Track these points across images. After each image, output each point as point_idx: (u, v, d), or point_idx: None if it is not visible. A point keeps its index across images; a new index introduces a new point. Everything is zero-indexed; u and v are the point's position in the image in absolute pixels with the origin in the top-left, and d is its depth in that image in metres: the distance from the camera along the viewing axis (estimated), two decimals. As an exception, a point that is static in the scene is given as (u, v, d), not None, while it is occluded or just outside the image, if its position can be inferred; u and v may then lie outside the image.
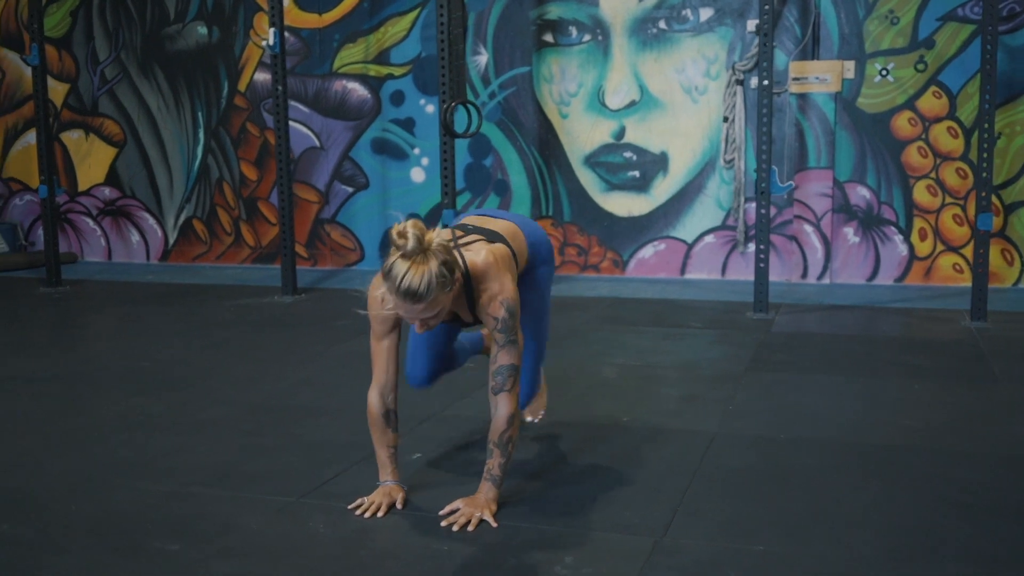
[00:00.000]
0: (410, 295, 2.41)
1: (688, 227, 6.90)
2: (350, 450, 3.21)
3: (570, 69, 6.98)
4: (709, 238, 6.86)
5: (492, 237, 2.79)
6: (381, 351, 2.72)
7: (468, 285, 2.65)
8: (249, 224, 7.85)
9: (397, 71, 7.33)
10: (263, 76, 7.62)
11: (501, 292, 2.64)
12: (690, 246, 6.90)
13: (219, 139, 7.87)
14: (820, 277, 6.66)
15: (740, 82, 6.57)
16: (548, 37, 7.00)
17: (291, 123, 7.55)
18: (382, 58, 7.36)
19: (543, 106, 7.07)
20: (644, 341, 4.99)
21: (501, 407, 2.67)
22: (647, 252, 6.99)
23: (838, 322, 5.46)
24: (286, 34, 7.47)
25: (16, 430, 3.56)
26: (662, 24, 6.77)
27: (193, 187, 8.00)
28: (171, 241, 8.12)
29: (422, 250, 2.42)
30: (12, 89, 8.30)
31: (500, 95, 7.15)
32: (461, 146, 7.13)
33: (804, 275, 6.68)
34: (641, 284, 6.71)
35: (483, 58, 7.14)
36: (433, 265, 2.42)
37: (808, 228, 6.63)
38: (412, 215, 7.39)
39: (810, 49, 6.49)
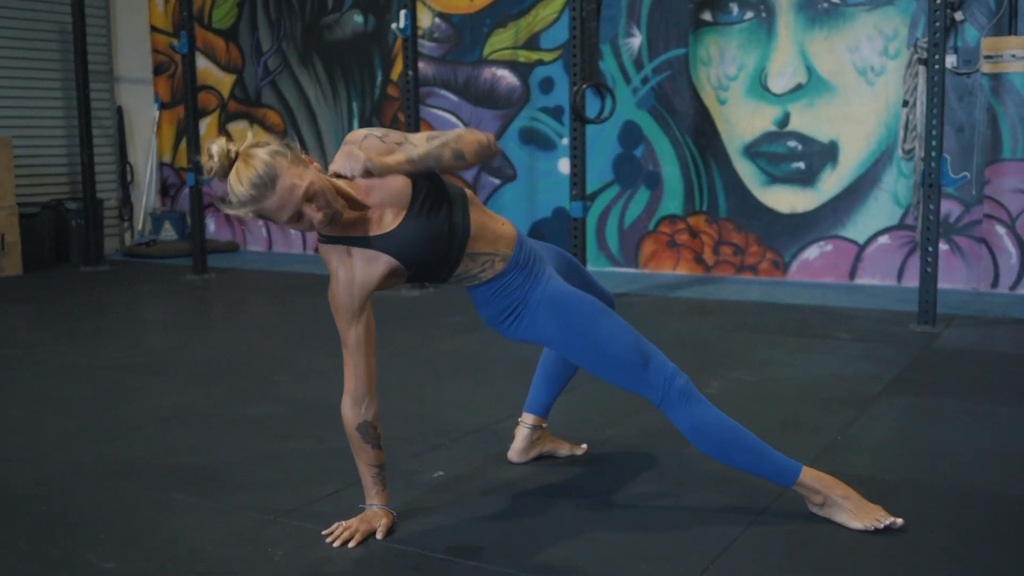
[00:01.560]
0: (256, 185, 2.09)
1: (860, 226, 6.11)
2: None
3: (730, 50, 6.34)
4: (884, 239, 6.05)
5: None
6: (347, 348, 2.32)
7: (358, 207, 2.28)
8: (398, 216, 7.67)
9: (547, 56, 6.93)
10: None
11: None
12: (861, 247, 6.12)
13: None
14: (1014, 287, 5.72)
15: (923, 61, 5.74)
16: (706, 16, 6.40)
17: (440, 112, 7.33)
18: (532, 43, 6.98)
19: (699, 91, 6.47)
20: (774, 353, 4.36)
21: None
22: (812, 253, 6.26)
23: (1021, 340, 4.61)
24: (437, 20, 7.26)
25: (46, 419, 3.41)
26: (834, -2, 6.03)
27: (346, 178, 7.91)
28: (325, 232, 8.06)
29: (232, 159, 2.13)
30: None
31: (653, 80, 6.61)
32: (609, 135, 6.67)
33: (994, 283, 5.76)
34: (800, 288, 6.00)
35: (636, 40, 6.62)
36: (256, 152, 2.12)
37: (1000, 229, 5.70)
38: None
39: (1006, 22, 5.58)
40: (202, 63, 8.39)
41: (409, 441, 3.07)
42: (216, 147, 2.11)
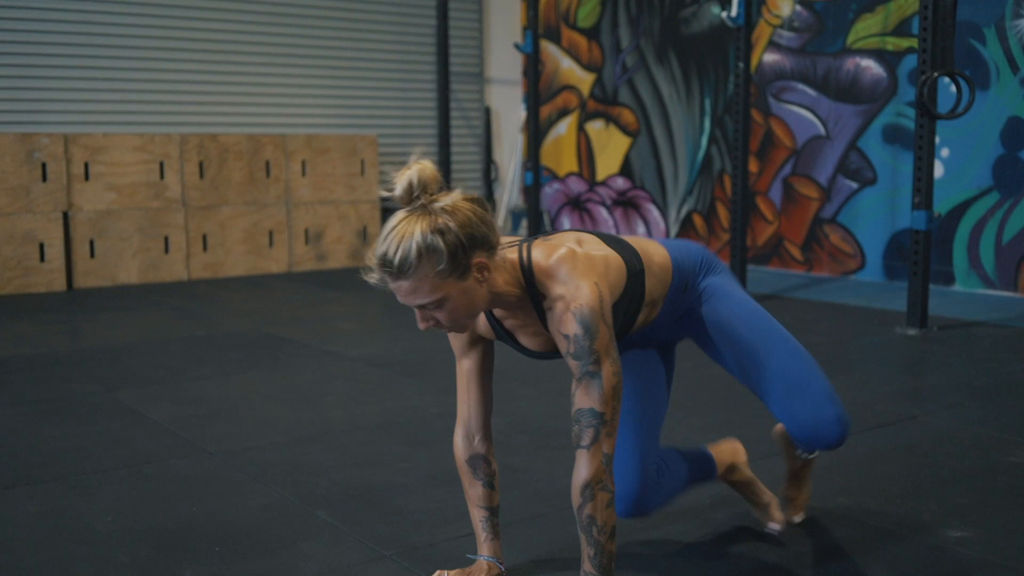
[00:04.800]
0: (384, 262, 1.73)
1: None
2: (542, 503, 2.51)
3: None
4: None
5: (607, 241, 1.97)
6: (460, 375, 2.06)
7: (534, 291, 1.85)
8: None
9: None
10: (772, 57, 6.85)
11: (574, 298, 1.79)
12: None
13: (723, 128, 7.28)
14: None
15: None
16: (1121, -14, 5.20)
17: (796, 108, 6.72)
18: (902, 29, 6.13)
19: (1107, 80, 5.29)
20: None
21: (579, 469, 1.79)
22: None
23: None
24: (798, 8, 6.67)
25: (284, 412, 3.46)
26: None
27: (696, 179, 7.52)
28: (672, 235, 7.74)
29: (415, 204, 1.74)
30: (549, 80, 8.57)
31: (1047, 67, 5.51)
32: (990, 133, 5.69)
33: None
34: None
35: (1028, 20, 5.56)
36: (423, 227, 1.70)
37: None
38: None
39: None
40: (566, 63, 8.42)
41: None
42: (407, 179, 1.73)
